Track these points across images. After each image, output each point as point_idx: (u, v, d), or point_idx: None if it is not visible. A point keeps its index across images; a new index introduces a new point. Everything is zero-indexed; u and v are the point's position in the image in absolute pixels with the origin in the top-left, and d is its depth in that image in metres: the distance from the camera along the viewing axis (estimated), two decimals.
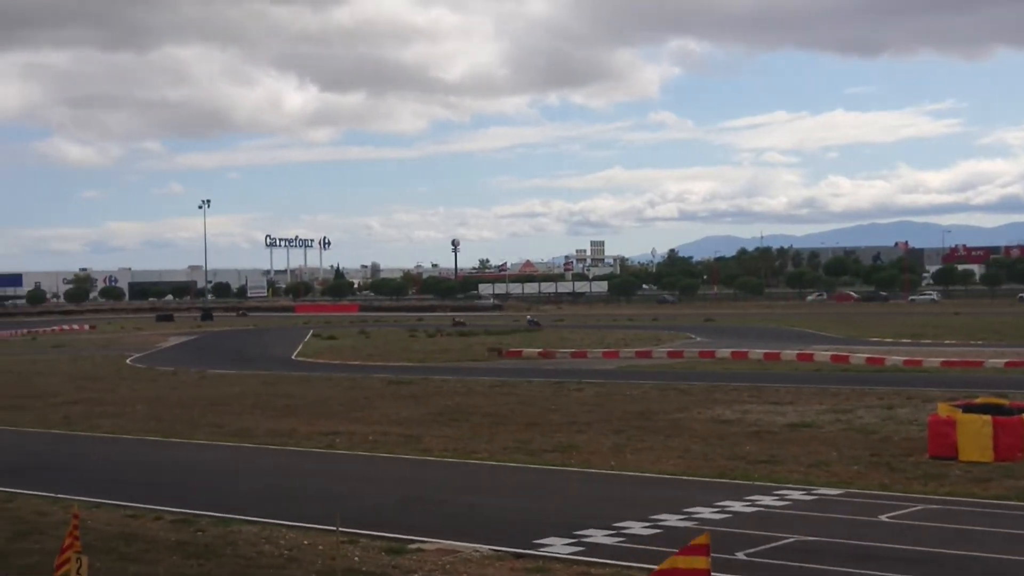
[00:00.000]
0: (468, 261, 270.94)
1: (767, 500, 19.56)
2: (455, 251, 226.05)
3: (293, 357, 67.53)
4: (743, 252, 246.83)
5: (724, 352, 58.24)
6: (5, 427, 34.38)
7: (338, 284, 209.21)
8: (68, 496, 20.53)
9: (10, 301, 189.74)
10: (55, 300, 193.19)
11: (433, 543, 16.72)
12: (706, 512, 18.49)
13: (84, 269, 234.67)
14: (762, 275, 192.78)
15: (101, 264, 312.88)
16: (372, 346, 74.52)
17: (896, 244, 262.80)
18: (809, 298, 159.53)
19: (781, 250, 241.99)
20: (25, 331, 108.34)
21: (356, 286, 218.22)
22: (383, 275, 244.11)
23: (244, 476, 24.43)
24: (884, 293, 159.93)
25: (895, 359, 51.81)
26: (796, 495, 20.05)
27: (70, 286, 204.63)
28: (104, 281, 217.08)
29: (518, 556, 15.84)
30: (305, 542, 16.99)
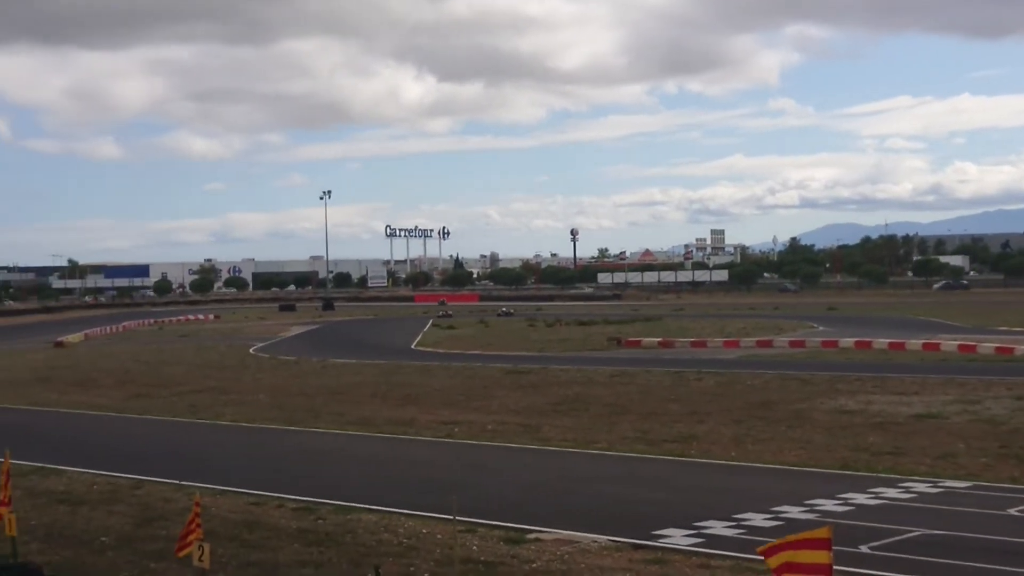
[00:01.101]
0: (587, 250, 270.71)
1: (891, 493, 19.18)
2: (574, 240, 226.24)
3: (413, 347, 67.97)
4: (867, 240, 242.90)
5: (847, 342, 57.34)
6: (133, 415, 35.12)
7: (457, 274, 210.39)
8: (193, 483, 20.88)
9: (138, 292, 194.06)
10: (181, 290, 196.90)
11: (551, 533, 16.68)
12: (828, 504, 18.19)
13: (209, 260, 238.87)
14: (886, 263, 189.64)
15: (225, 255, 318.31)
16: (491, 335, 74.72)
17: None
18: (935, 286, 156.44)
19: (906, 237, 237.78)
20: (152, 321, 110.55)
21: (475, 276, 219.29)
22: (502, 264, 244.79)
23: (364, 465, 24.62)
24: (965, 281, 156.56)
25: None
26: (922, 488, 19.64)
27: (195, 277, 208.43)
28: (228, 271, 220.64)
29: (637, 547, 15.73)
30: (424, 531, 17.06)
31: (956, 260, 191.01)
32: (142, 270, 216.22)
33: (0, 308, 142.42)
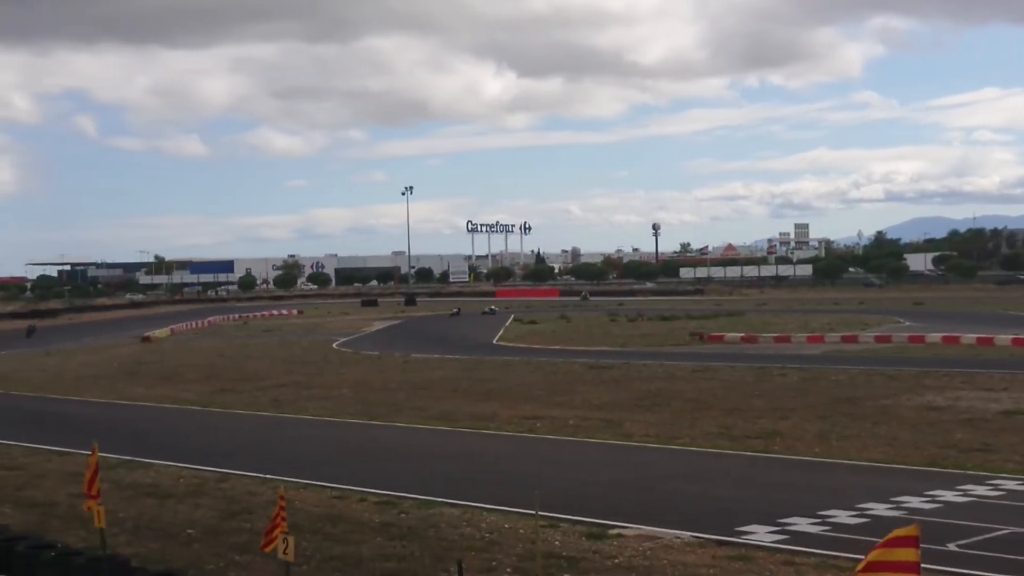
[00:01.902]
0: (669, 245, 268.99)
1: (980, 490, 18.87)
2: (656, 235, 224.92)
3: (494, 342, 68.08)
4: (954, 233, 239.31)
5: (934, 337, 56.57)
6: (218, 409, 35.53)
7: (538, 269, 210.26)
8: (277, 477, 21.06)
9: (222, 287, 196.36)
10: (264, 286, 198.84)
11: (634, 529, 16.61)
12: (915, 501, 17.94)
13: (292, 255, 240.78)
14: (975, 257, 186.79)
15: (308, 250, 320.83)
16: (573, 331, 74.64)
17: None
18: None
19: (995, 231, 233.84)
20: (237, 316, 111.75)
21: (556, 271, 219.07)
22: (583, 259, 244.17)
23: (446, 459, 24.68)
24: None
25: None
26: (1011, 485, 19.30)
27: (279, 272, 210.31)
28: (311, 267, 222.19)
29: (720, 543, 15.61)
30: (506, 525, 17.07)
31: None
32: (227, 266, 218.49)
33: (89, 304, 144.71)
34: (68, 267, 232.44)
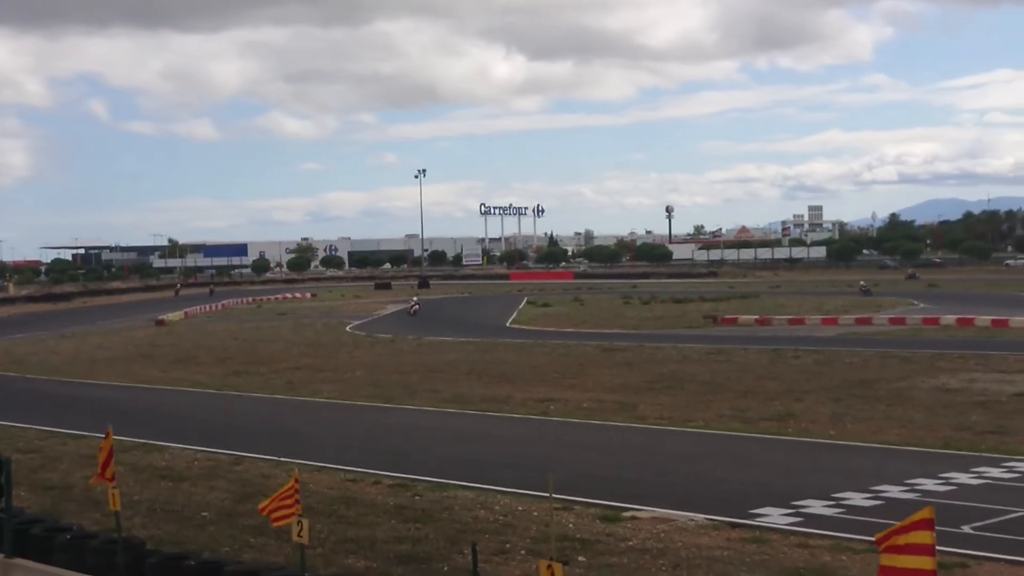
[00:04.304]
0: (682, 227, 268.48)
1: (995, 472, 18.84)
2: (669, 217, 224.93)
3: (508, 324, 68.06)
4: (968, 215, 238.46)
5: (949, 319, 56.39)
6: (232, 392, 35.58)
7: (552, 251, 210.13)
8: (291, 459, 21.10)
9: (236, 270, 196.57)
10: (278, 269, 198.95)
11: (648, 511, 16.62)
12: (929, 484, 17.91)
13: (306, 239, 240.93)
14: (989, 239, 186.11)
15: (321, 233, 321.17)
16: (586, 313, 74.58)
17: None
18: (1007, 263, 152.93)
19: (1010, 212, 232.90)
20: (251, 299, 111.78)
21: (570, 253, 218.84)
22: (596, 242, 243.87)
23: (459, 442, 24.71)
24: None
25: None
26: None
27: (292, 255, 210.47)
28: (324, 250, 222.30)
29: (734, 526, 15.63)
30: (519, 508, 17.09)
31: None
32: (240, 249, 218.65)
33: (103, 287, 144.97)
34: (82, 251, 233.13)
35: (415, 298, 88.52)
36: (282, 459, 21.77)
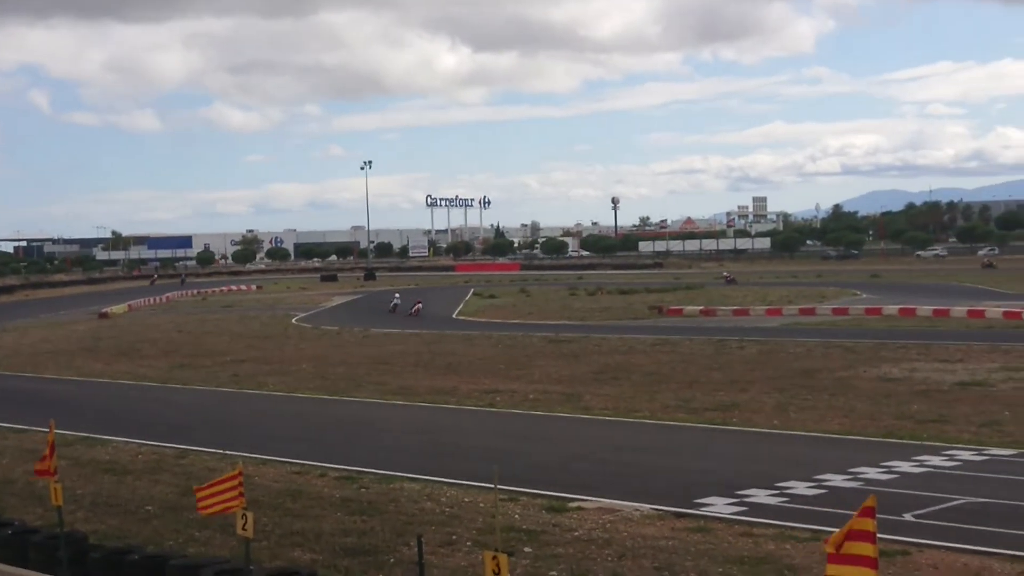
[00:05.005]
0: (628, 219, 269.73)
1: (936, 460, 19.06)
2: (615, 209, 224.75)
3: (454, 316, 68.02)
4: (911, 206, 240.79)
5: (891, 309, 56.93)
6: (178, 385, 35.36)
7: (498, 243, 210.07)
8: (236, 453, 20.98)
9: (180, 263, 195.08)
10: (223, 261, 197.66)
11: (593, 502, 16.68)
12: (872, 472, 18.10)
13: (251, 231, 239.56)
14: (931, 230, 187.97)
15: (267, 225, 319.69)
16: (532, 304, 74.65)
17: None
18: (981, 252, 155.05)
19: (950, 204, 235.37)
20: (195, 292, 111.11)
21: (516, 244, 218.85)
22: (543, 234, 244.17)
23: (406, 434, 24.69)
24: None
25: None
26: (966, 456, 19.50)
27: (237, 247, 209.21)
28: (270, 242, 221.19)
29: (679, 516, 15.72)
30: (466, 500, 17.10)
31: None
32: (185, 241, 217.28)
33: (45, 280, 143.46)
34: (24, 243, 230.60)
35: (396, 295, 76.74)
36: (227, 452, 21.63)
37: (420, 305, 70.10)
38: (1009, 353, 35.96)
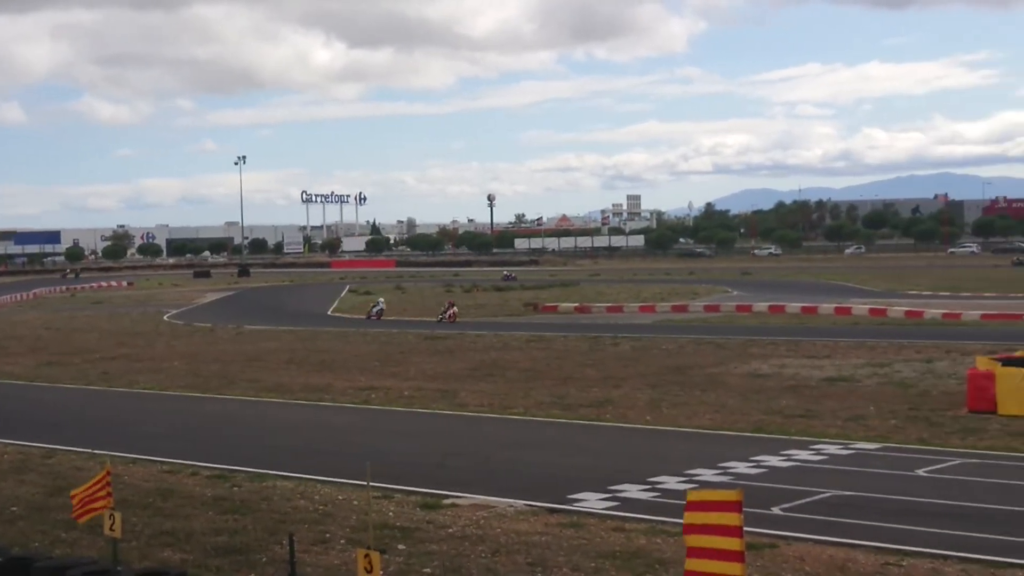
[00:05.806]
0: (504, 216, 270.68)
1: (803, 455, 19.45)
2: (491, 206, 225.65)
3: (329, 313, 67.63)
4: (780, 205, 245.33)
5: (761, 306, 57.95)
6: (45, 383, 34.63)
7: (374, 239, 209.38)
8: (105, 452, 20.62)
9: (49, 258, 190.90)
10: (93, 257, 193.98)
11: (468, 498, 16.72)
12: (741, 467, 18.40)
13: (122, 226, 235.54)
14: (800, 228, 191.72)
15: (138, 221, 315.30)
16: (408, 301, 74.52)
17: (936, 196, 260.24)
18: (847, 251, 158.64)
19: (819, 203, 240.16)
20: (64, 288, 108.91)
21: (392, 241, 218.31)
22: (419, 230, 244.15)
23: (279, 432, 24.48)
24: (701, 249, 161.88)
25: (934, 312, 51.49)
26: (833, 449, 19.94)
27: (108, 243, 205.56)
28: (142, 238, 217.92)
29: (552, 511, 15.82)
30: (340, 497, 17.02)
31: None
32: (53, 237, 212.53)
33: None
34: None
35: (380, 300, 64.28)
36: (96, 451, 21.27)
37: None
38: (874, 349, 36.84)
